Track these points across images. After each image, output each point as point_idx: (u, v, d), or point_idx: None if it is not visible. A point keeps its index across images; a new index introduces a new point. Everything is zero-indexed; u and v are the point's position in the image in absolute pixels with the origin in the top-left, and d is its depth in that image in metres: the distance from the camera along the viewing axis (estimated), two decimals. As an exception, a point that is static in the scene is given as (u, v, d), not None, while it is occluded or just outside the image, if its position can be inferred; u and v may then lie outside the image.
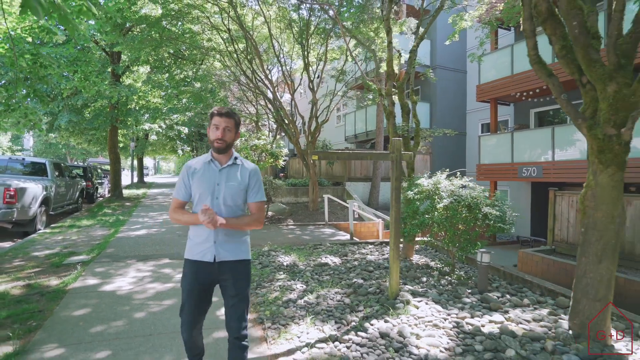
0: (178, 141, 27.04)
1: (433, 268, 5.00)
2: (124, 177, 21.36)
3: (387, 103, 6.10)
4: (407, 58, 6.53)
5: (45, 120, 13.91)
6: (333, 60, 12.80)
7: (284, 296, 3.81)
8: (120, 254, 5.59)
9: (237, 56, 11.67)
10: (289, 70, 13.29)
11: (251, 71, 12.14)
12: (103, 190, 16.71)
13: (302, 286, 4.14)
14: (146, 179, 30.19)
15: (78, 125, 14.33)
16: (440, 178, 4.86)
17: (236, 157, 2.06)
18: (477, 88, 11.36)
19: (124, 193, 15.84)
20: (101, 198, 15.39)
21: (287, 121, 11.70)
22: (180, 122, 20.49)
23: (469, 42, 14.13)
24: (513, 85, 10.13)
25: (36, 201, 7.41)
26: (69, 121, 12.99)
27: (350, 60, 11.42)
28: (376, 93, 9.21)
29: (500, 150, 10.43)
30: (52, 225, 8.13)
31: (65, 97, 11.89)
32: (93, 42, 11.64)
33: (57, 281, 4.21)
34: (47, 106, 8.99)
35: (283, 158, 10.39)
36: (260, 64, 11.50)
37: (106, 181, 17.33)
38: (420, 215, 4.69)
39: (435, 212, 4.53)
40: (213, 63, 14.38)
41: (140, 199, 14.48)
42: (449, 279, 4.47)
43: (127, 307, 3.48)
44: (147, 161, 49.71)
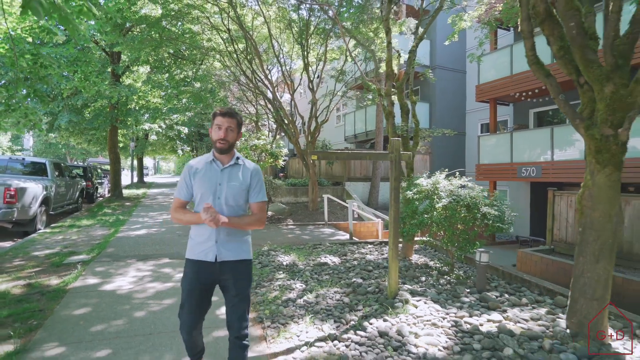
0: (178, 141, 27.06)
1: (432, 268, 5.02)
2: (124, 177, 21.37)
3: (387, 103, 6.12)
4: (407, 58, 6.54)
5: (45, 120, 13.92)
6: (333, 60, 12.81)
7: (284, 295, 3.83)
8: (120, 254, 5.61)
9: (237, 56, 11.68)
10: (289, 70, 13.30)
11: (251, 71, 12.16)
12: (103, 190, 16.74)
13: (302, 285, 4.15)
14: (146, 179, 30.21)
15: (78, 125, 14.35)
16: (439, 178, 4.87)
17: (238, 157, 2.05)
18: (477, 88, 11.38)
19: (124, 193, 15.85)
20: (101, 198, 15.40)
21: (287, 121, 11.71)
22: (180, 122, 20.50)
23: (469, 43, 14.15)
24: (512, 85, 10.16)
25: (36, 201, 7.42)
26: (69, 121, 13.01)
27: (349, 60, 11.44)
28: (375, 93, 9.23)
29: (499, 150, 10.45)
30: (52, 225, 8.15)
31: (65, 97, 11.90)
32: (93, 42, 11.65)
33: (58, 280, 4.23)
34: (48, 106, 9.01)
35: (283, 158, 10.41)
36: (260, 64, 11.52)
37: (106, 181, 17.35)
38: (419, 215, 4.70)
39: (434, 212, 4.54)
40: (213, 63, 14.39)
41: (140, 199, 14.49)
42: (448, 279, 4.49)
43: (127, 306, 3.50)
44: (147, 161, 49.73)
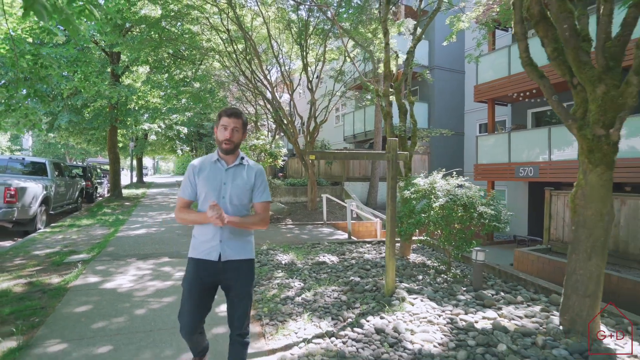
0: (177, 141, 27.09)
1: (429, 266, 5.07)
2: (123, 177, 21.38)
3: (384, 104, 6.16)
4: (405, 59, 6.59)
5: (45, 120, 13.94)
6: (332, 60, 12.84)
7: (282, 293, 3.87)
8: (120, 253, 5.65)
9: (236, 56, 11.73)
10: (288, 70, 13.34)
11: (250, 71, 12.20)
12: (102, 190, 16.77)
13: (300, 284, 4.20)
14: (145, 179, 30.24)
15: (78, 125, 14.38)
16: (436, 178, 4.92)
17: (243, 157, 2.06)
18: (475, 88, 11.43)
19: (123, 193, 15.88)
20: (100, 198, 15.44)
21: (286, 121, 11.75)
22: (179, 122, 20.53)
23: (467, 43, 14.21)
24: (510, 85, 10.21)
25: (36, 201, 7.46)
26: (69, 121, 13.04)
27: (348, 60, 11.48)
28: (374, 93, 9.28)
29: (497, 150, 10.50)
30: (52, 224, 8.19)
31: (65, 97, 11.93)
32: (93, 43, 11.68)
33: (59, 279, 4.27)
34: (48, 106, 9.03)
35: (282, 158, 10.46)
36: (259, 65, 11.56)
37: (105, 181, 17.38)
38: (416, 214, 4.75)
39: (431, 211, 4.59)
40: (212, 63, 14.42)
41: (139, 199, 14.53)
42: (445, 277, 4.54)
43: (128, 304, 3.55)
44: (146, 161, 49.72)
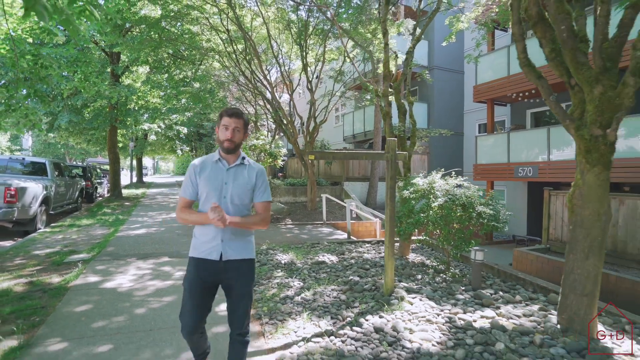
0: (177, 141, 27.10)
1: (428, 266, 5.09)
2: (123, 177, 21.39)
3: (384, 104, 6.18)
4: (404, 59, 6.61)
5: (45, 120, 13.95)
6: (331, 60, 12.86)
7: (282, 293, 3.89)
8: (120, 253, 5.66)
9: (236, 57, 11.74)
10: (288, 70, 13.36)
11: (250, 72, 12.22)
12: (102, 190, 16.78)
13: (300, 283, 4.22)
14: (145, 179, 30.26)
15: (78, 125, 14.39)
16: (435, 177, 4.95)
17: (244, 157, 2.07)
18: (474, 89, 11.45)
19: (123, 193, 15.89)
20: (100, 198, 15.45)
21: (286, 121, 11.77)
22: (179, 122, 20.54)
23: (467, 43, 14.22)
24: (509, 86, 10.23)
25: (36, 200, 7.47)
26: (69, 121, 13.05)
27: (348, 61, 11.51)
28: (373, 94, 9.30)
29: (496, 150, 10.52)
30: (52, 224, 8.20)
31: (65, 97, 11.95)
32: (93, 43, 11.69)
33: (59, 279, 4.28)
34: (48, 106, 9.05)
35: (281, 158, 10.47)
36: (258, 65, 11.58)
37: (105, 181, 17.39)
38: (415, 214, 4.78)
39: (430, 211, 4.62)
40: (212, 63, 14.43)
41: (139, 199, 14.54)
42: (444, 277, 4.56)
43: (128, 304, 3.56)
44: (146, 161, 49.72)
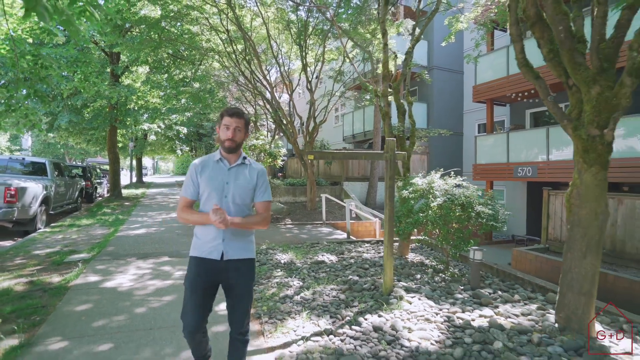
0: (177, 141, 27.10)
1: (427, 266, 5.10)
2: (123, 177, 21.40)
3: (383, 104, 6.20)
4: (404, 59, 6.62)
5: (45, 120, 13.96)
6: (331, 61, 12.88)
7: (281, 292, 3.91)
8: (120, 252, 5.68)
9: (236, 57, 11.75)
10: (287, 70, 13.37)
11: (250, 72, 12.23)
12: (102, 190, 16.79)
13: (299, 283, 4.24)
14: (145, 179, 30.27)
15: (78, 125, 14.40)
16: (434, 177, 4.96)
17: (245, 157, 2.09)
18: (474, 89, 11.47)
19: (123, 193, 15.91)
20: (100, 198, 15.46)
21: (285, 121, 11.79)
22: (179, 122, 20.56)
23: (466, 43, 14.24)
24: (509, 86, 10.25)
25: (36, 200, 7.49)
26: (69, 121, 13.06)
27: (347, 61, 11.53)
28: (373, 94, 9.31)
29: (496, 150, 10.54)
30: (52, 224, 8.21)
31: (65, 98, 11.96)
32: (93, 43, 11.70)
33: (59, 278, 4.30)
34: (48, 106, 9.06)
35: (281, 158, 10.48)
36: (258, 65, 11.60)
37: (105, 181, 17.40)
38: (414, 213, 4.79)
39: (429, 211, 4.63)
40: (212, 64, 14.44)
41: (139, 199, 14.55)
42: (443, 276, 4.58)
43: (128, 303, 3.58)
44: (146, 161, 49.74)
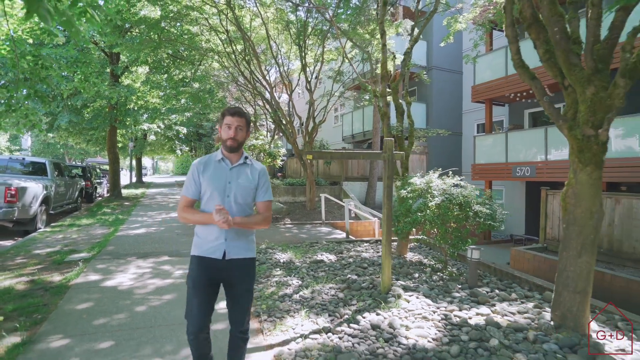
0: (177, 141, 27.13)
1: (426, 265, 5.14)
2: (123, 177, 21.42)
3: (382, 104, 6.23)
4: (402, 59, 6.66)
5: (45, 120, 13.98)
6: (330, 61, 12.91)
7: (280, 291, 3.94)
8: (120, 252, 5.71)
9: (235, 57, 11.78)
10: (287, 70, 13.41)
11: (249, 72, 12.26)
12: (102, 189, 16.82)
13: (298, 282, 4.27)
14: (144, 179, 30.27)
15: (77, 125, 14.43)
16: (432, 177, 4.99)
17: (246, 157, 2.09)
18: (472, 89, 11.51)
19: (123, 193, 15.92)
20: (100, 198, 15.49)
21: (285, 121, 11.82)
22: (178, 122, 20.58)
23: (465, 44, 14.28)
24: (507, 86, 10.29)
25: (36, 200, 7.51)
26: (69, 121, 13.09)
27: (346, 61, 11.56)
28: (372, 94, 9.35)
29: (494, 150, 10.58)
30: (52, 224, 8.24)
31: (65, 98, 11.98)
32: (92, 44, 11.73)
33: (60, 277, 4.33)
34: (48, 106, 9.08)
35: (281, 158, 10.51)
36: (258, 65, 11.63)
37: (105, 181, 17.43)
38: (413, 213, 4.82)
39: (427, 210, 4.66)
40: (211, 64, 14.47)
41: (139, 199, 14.58)
42: (441, 275, 4.61)
43: (129, 301, 3.61)
44: (146, 161, 49.72)
